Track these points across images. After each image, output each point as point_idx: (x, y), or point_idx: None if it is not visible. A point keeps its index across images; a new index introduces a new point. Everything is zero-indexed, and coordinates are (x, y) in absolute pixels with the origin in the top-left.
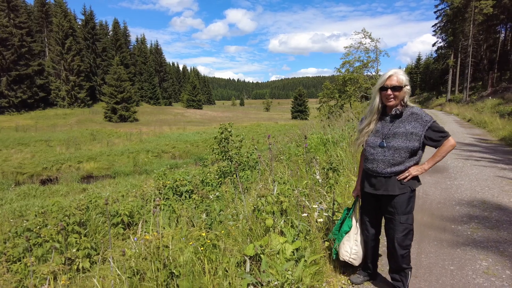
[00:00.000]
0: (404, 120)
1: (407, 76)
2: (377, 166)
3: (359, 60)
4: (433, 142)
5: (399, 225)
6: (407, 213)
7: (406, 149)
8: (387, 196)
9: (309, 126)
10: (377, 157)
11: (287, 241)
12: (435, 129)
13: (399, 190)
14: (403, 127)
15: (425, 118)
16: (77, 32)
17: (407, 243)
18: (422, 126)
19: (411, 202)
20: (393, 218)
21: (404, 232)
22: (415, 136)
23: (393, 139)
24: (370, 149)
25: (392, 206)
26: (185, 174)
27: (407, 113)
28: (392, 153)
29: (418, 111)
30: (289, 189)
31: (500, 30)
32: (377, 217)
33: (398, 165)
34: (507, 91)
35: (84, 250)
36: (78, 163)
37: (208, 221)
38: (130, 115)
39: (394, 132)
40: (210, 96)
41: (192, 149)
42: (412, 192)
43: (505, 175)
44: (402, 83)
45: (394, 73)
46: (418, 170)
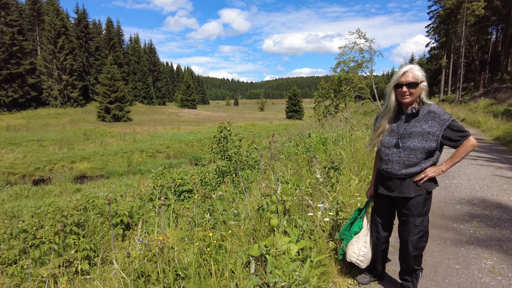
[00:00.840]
0: (420, 119)
1: (424, 72)
2: (391, 167)
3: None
4: (452, 142)
5: (414, 227)
6: (423, 215)
7: (422, 150)
8: (402, 198)
9: (307, 125)
10: (392, 158)
11: (291, 241)
12: (454, 128)
13: (414, 192)
14: (419, 126)
15: (443, 117)
16: (69, 31)
17: (421, 245)
18: (440, 125)
19: (427, 204)
20: (407, 221)
21: (419, 234)
22: (432, 136)
23: (409, 139)
24: (385, 149)
25: (407, 208)
26: (183, 173)
27: (424, 111)
28: (408, 154)
29: (436, 109)
30: (291, 188)
31: (491, 32)
32: (390, 219)
33: (414, 166)
34: (498, 92)
35: (83, 251)
36: (71, 163)
37: (212, 221)
38: (124, 114)
39: (410, 131)
40: (204, 96)
41: (186, 149)
42: (428, 194)
43: (502, 174)
44: (418, 79)
45: (409, 69)
46: (435, 171)
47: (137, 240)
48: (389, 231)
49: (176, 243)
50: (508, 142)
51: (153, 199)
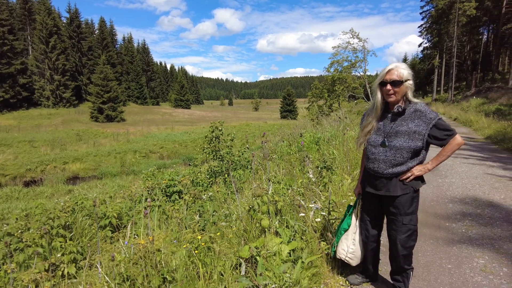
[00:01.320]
0: (407, 117)
1: (410, 70)
2: (378, 166)
3: (347, 60)
4: (438, 141)
5: (401, 226)
6: (410, 214)
7: (408, 149)
8: (389, 196)
9: (301, 125)
10: (378, 157)
11: (282, 242)
12: (441, 127)
13: (401, 191)
14: (405, 125)
15: (429, 116)
16: (61, 31)
17: (410, 244)
18: (426, 124)
19: (414, 202)
20: (395, 219)
21: (407, 233)
22: (418, 135)
23: (395, 138)
24: (371, 148)
25: (394, 206)
26: (174, 174)
27: (410, 110)
28: (394, 153)
29: (422, 108)
30: (283, 188)
31: (482, 32)
32: (378, 217)
33: (400, 166)
34: (490, 91)
35: (70, 254)
36: (64, 164)
37: (201, 222)
38: (117, 115)
39: (396, 130)
40: (198, 96)
41: (180, 149)
42: (415, 192)
43: (494, 173)
44: (403, 78)
45: (394, 67)
46: (421, 170)
47: (122, 243)
48: (379, 229)
49: (166, 245)
50: (499, 141)
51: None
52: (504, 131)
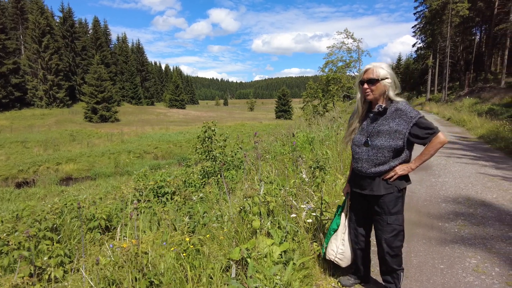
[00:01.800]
0: (388, 117)
1: (390, 69)
2: (361, 165)
3: (341, 60)
4: (420, 139)
5: (386, 226)
6: (395, 214)
7: (389, 148)
8: (373, 196)
9: (295, 125)
10: (362, 156)
11: (274, 243)
12: (422, 125)
13: (384, 190)
14: (386, 124)
15: (410, 114)
16: (55, 30)
17: (396, 244)
18: (407, 123)
19: (398, 202)
20: (380, 219)
21: (393, 233)
22: (399, 134)
23: (376, 138)
24: (355, 148)
25: (379, 206)
26: (166, 174)
27: (391, 109)
28: (376, 153)
29: (403, 107)
30: (275, 188)
31: (475, 32)
32: (367, 217)
33: (382, 165)
34: (482, 91)
35: (57, 257)
36: (57, 164)
37: (191, 224)
38: (111, 115)
39: (378, 130)
40: (193, 96)
41: (175, 149)
42: (399, 192)
43: (486, 172)
44: (379, 76)
45: (372, 66)
46: (405, 169)
47: (108, 246)
48: (368, 229)
49: (156, 247)
50: (492, 140)
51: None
52: (497, 130)
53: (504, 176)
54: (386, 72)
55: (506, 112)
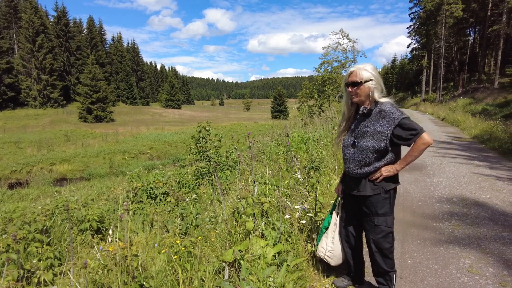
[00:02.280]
0: (372, 118)
1: (375, 71)
2: (349, 166)
3: (337, 60)
4: (403, 141)
5: (374, 227)
6: (383, 215)
7: (373, 149)
8: (361, 196)
9: (291, 125)
10: (350, 157)
11: (268, 245)
12: (405, 126)
13: (371, 191)
14: (371, 126)
15: (392, 115)
16: (49, 29)
17: (384, 246)
18: (390, 124)
19: (386, 203)
20: (368, 219)
21: (381, 234)
22: (382, 135)
23: (362, 139)
24: (344, 149)
25: (366, 206)
26: (160, 175)
27: (376, 110)
28: (361, 154)
29: (387, 108)
30: (270, 189)
31: (469, 33)
32: (357, 217)
33: (367, 166)
34: (476, 91)
35: (47, 260)
36: (51, 165)
37: (183, 226)
38: (106, 115)
39: (363, 131)
40: (189, 96)
41: (170, 149)
42: (386, 193)
43: (480, 172)
44: (363, 79)
45: (356, 69)
46: (390, 170)
47: (97, 249)
48: (359, 229)
49: (148, 249)
50: (486, 140)
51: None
52: (490, 130)
53: (497, 176)
54: (370, 74)
55: (500, 112)
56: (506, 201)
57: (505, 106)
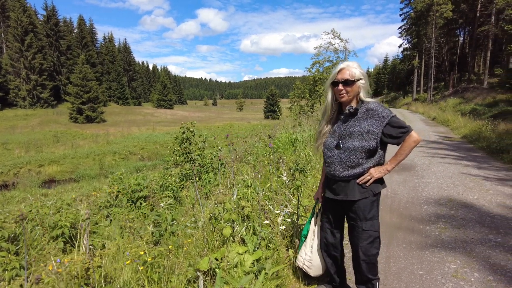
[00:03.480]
0: (359, 118)
1: (362, 70)
2: (334, 169)
3: (328, 60)
4: (393, 139)
5: (362, 232)
6: (370, 219)
7: (362, 150)
8: (347, 201)
9: (281, 125)
10: (334, 159)
11: (247, 251)
12: (394, 124)
13: (359, 195)
14: (358, 125)
15: (382, 114)
16: (38, 29)
17: (372, 252)
18: (379, 123)
19: (374, 207)
20: (355, 225)
21: (369, 240)
22: (372, 134)
23: (348, 140)
24: (327, 151)
25: (353, 212)
26: (141, 178)
27: (362, 110)
28: (348, 155)
29: (375, 107)
30: (252, 192)
31: (459, 34)
32: (339, 224)
33: (356, 167)
34: (466, 91)
35: (12, 270)
36: (39, 166)
37: (156, 233)
38: (97, 115)
39: (349, 132)
40: (181, 96)
41: (161, 150)
42: (374, 196)
43: (468, 172)
44: (355, 77)
45: (346, 66)
46: (380, 171)
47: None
48: (340, 237)
49: (119, 258)
50: (474, 140)
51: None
52: (479, 130)
53: (485, 176)
54: (360, 72)
55: (488, 112)
56: (493, 202)
57: (494, 106)
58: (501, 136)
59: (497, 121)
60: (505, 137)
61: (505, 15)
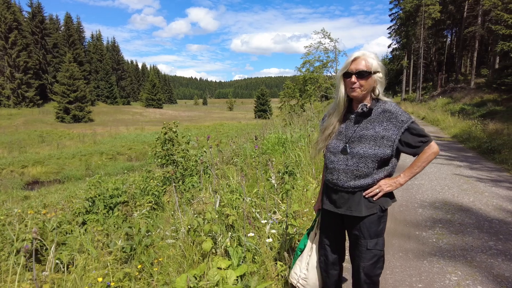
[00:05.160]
0: (374, 119)
1: (381, 62)
2: (338, 177)
3: (319, 60)
4: (411, 148)
5: (366, 252)
6: (376, 237)
7: (374, 157)
8: (351, 217)
9: (270, 125)
10: (338, 166)
11: (231, 265)
12: (414, 132)
13: (366, 211)
14: (372, 128)
15: (401, 118)
16: (23, 26)
17: (376, 272)
18: (397, 128)
19: (381, 223)
20: (358, 243)
21: (373, 260)
22: (387, 140)
23: (358, 144)
24: (330, 156)
25: (357, 229)
26: (121, 182)
27: (377, 110)
28: (357, 162)
29: (393, 108)
30: (237, 198)
31: (446, 35)
32: (339, 240)
33: (364, 178)
34: (454, 91)
35: None
36: (22, 167)
37: (127, 248)
38: (85, 115)
39: (360, 135)
40: (171, 95)
41: (150, 150)
42: (383, 211)
43: (461, 173)
44: (371, 68)
45: (361, 55)
46: (392, 185)
47: None
48: (340, 254)
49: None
50: (465, 139)
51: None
52: (469, 130)
53: (478, 177)
54: (378, 64)
55: (477, 112)
56: (490, 205)
57: (482, 105)
58: (491, 136)
59: (486, 121)
60: (495, 137)
61: (491, 16)
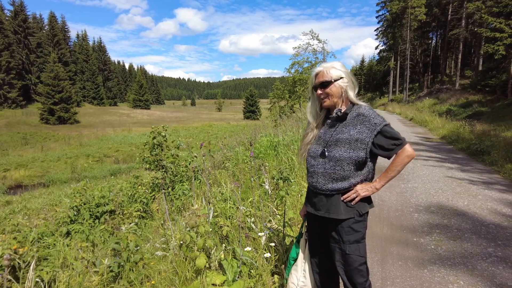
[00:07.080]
0: (348, 123)
1: (344, 68)
2: (317, 180)
3: (307, 61)
4: (384, 151)
5: (345, 256)
6: (355, 243)
7: (349, 160)
8: (329, 219)
9: (261, 127)
10: (317, 169)
11: (226, 281)
12: (387, 134)
13: (344, 214)
14: (347, 132)
15: (374, 121)
16: (4, 25)
17: (358, 280)
18: (370, 131)
19: (360, 228)
20: (338, 247)
21: (353, 265)
22: (361, 143)
23: (335, 148)
24: (310, 160)
25: (336, 232)
26: (107, 189)
27: (352, 114)
28: (333, 165)
29: (366, 112)
30: (231, 207)
31: (432, 37)
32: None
33: (342, 181)
34: (440, 92)
35: None
36: (4, 171)
37: (114, 267)
38: (70, 116)
39: (336, 138)
40: (159, 96)
41: (137, 152)
42: (361, 216)
43: (453, 175)
44: (332, 77)
45: (322, 68)
46: (368, 189)
47: None
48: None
49: None
50: (454, 141)
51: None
52: (457, 131)
53: (470, 180)
54: (340, 71)
55: (463, 113)
56: (484, 208)
57: (467, 106)
58: (479, 137)
59: (473, 122)
60: (484, 138)
61: (474, 19)
